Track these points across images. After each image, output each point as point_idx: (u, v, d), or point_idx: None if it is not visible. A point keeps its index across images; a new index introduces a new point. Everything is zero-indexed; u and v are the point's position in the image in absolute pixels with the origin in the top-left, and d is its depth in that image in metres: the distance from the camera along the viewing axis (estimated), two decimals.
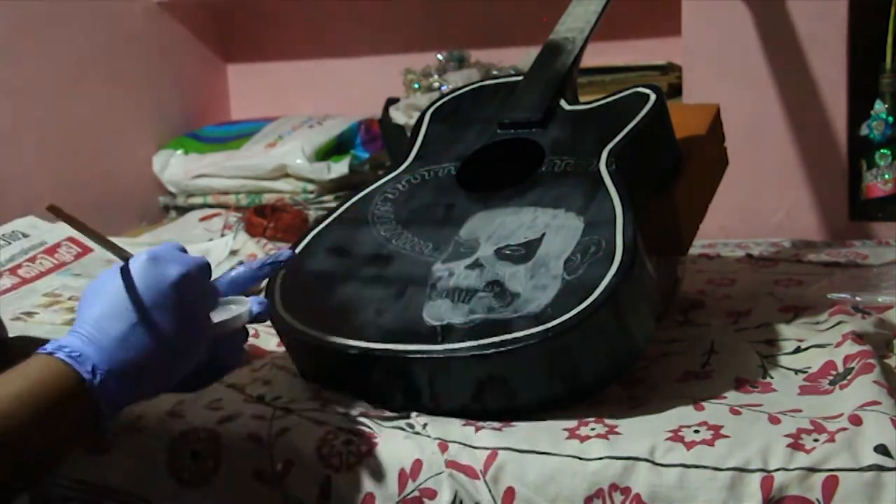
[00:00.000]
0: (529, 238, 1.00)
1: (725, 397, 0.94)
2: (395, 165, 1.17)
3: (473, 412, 0.91)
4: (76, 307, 0.78)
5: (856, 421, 0.84)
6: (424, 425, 0.91)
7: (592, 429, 0.88)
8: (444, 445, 0.88)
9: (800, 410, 0.89)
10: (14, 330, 1.02)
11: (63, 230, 1.49)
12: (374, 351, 0.93)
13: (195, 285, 0.80)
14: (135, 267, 0.79)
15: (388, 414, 0.93)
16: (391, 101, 1.89)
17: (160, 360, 0.77)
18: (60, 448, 0.76)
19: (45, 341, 0.77)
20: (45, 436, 0.73)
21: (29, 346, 0.81)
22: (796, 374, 1.00)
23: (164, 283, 0.78)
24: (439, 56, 1.96)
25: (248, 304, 0.87)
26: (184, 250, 0.82)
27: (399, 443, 0.89)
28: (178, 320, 0.78)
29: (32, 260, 1.41)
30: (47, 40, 1.87)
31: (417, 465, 0.87)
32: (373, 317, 0.97)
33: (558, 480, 0.84)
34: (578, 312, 0.90)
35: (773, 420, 0.87)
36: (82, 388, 0.73)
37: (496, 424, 0.90)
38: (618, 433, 0.87)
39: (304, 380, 1.01)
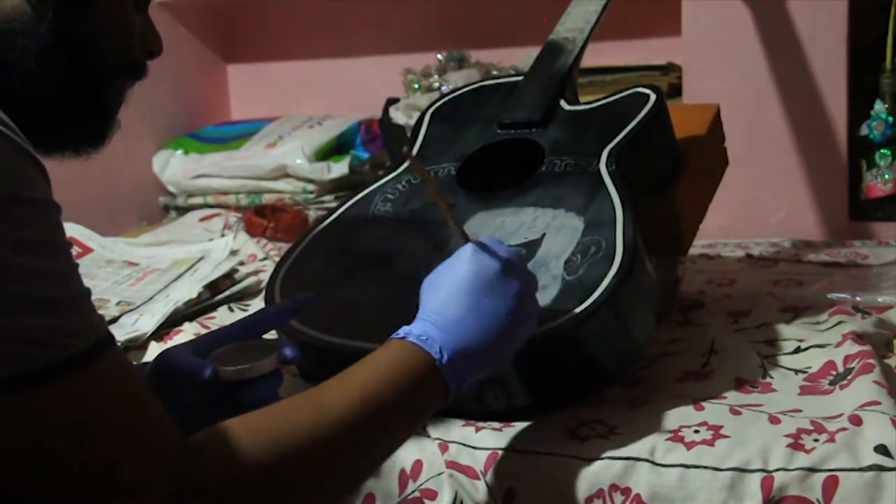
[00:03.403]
0: (529, 238, 1.00)
1: (725, 397, 0.94)
2: (396, 165, 1.17)
3: (473, 412, 0.91)
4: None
5: (856, 421, 0.84)
6: (424, 425, 0.91)
7: (592, 429, 0.88)
8: (444, 445, 0.88)
9: (800, 410, 0.89)
10: None
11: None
12: None
13: (517, 272, 0.84)
14: (461, 256, 0.84)
15: None
16: (391, 101, 1.89)
17: (493, 341, 0.81)
18: (416, 426, 0.81)
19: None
20: (406, 416, 0.78)
21: None
22: (796, 374, 1.00)
23: (491, 271, 0.83)
24: (439, 56, 1.96)
25: (277, 349, 0.89)
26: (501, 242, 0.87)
27: None
28: (506, 303, 0.82)
29: None
30: None
31: (418, 465, 0.87)
32: (373, 317, 0.96)
33: (558, 480, 0.84)
34: (578, 312, 0.90)
35: (773, 420, 0.87)
36: (433, 368, 0.78)
37: (496, 424, 0.90)
38: (618, 433, 0.87)
39: (304, 380, 1.01)
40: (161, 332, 1.22)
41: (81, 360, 0.63)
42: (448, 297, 0.81)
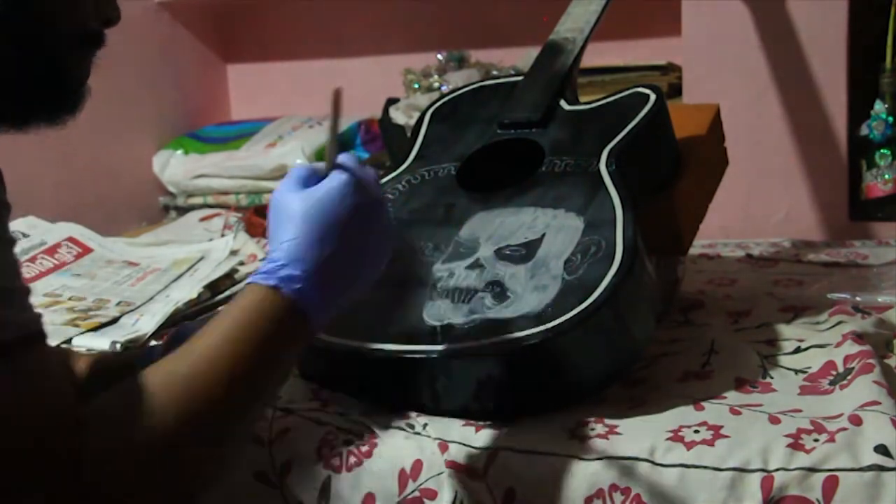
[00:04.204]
0: (529, 238, 1.00)
1: (725, 397, 0.94)
2: (395, 165, 1.17)
3: (473, 412, 0.91)
4: (273, 235, 0.82)
5: (856, 421, 0.84)
6: (424, 425, 0.91)
7: (592, 429, 0.88)
8: (444, 445, 0.88)
9: (800, 410, 0.89)
10: None
11: (63, 230, 1.49)
12: (375, 351, 0.93)
13: (382, 206, 0.85)
14: (337, 187, 0.82)
15: (388, 414, 0.93)
16: (391, 101, 1.89)
17: (351, 269, 0.81)
18: (286, 368, 0.80)
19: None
20: (271, 360, 0.77)
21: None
22: (796, 374, 0.99)
23: (367, 205, 0.82)
24: (439, 56, 1.96)
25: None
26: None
27: (399, 443, 0.89)
28: (366, 232, 0.82)
29: (32, 260, 1.42)
30: None
31: (418, 465, 0.87)
32: (373, 317, 0.97)
33: (558, 480, 0.84)
34: (578, 312, 0.90)
35: (773, 420, 0.87)
36: (293, 306, 0.77)
37: (496, 424, 0.90)
38: (618, 433, 0.87)
39: (304, 380, 1.01)
40: (161, 332, 1.22)
41: (3, 350, 0.65)
42: (321, 231, 0.80)
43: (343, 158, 0.84)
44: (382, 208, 0.85)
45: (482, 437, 0.88)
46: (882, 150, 1.60)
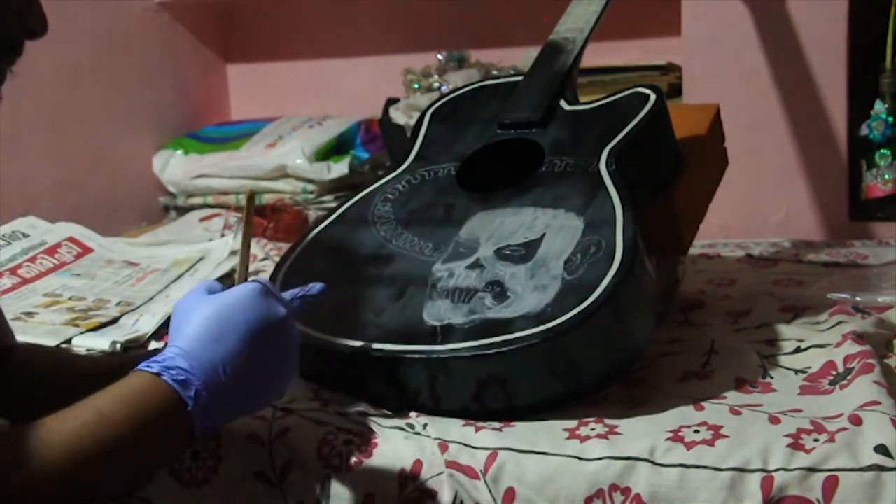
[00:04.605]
0: (529, 238, 1.00)
1: (725, 397, 0.94)
2: (395, 165, 1.17)
3: (473, 412, 0.91)
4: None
5: (856, 421, 0.84)
6: (424, 425, 0.91)
7: (592, 429, 0.88)
8: (444, 445, 0.88)
9: (800, 410, 0.89)
10: (14, 329, 1.02)
11: (63, 230, 1.49)
12: (375, 351, 0.93)
13: (293, 327, 0.84)
14: (245, 295, 0.81)
15: (388, 414, 0.93)
16: (391, 101, 1.89)
17: (250, 378, 0.80)
18: (157, 461, 0.82)
19: (149, 354, 0.82)
20: (146, 451, 0.78)
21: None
22: (796, 374, 1.00)
23: (275, 317, 0.81)
24: (439, 56, 1.96)
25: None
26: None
27: (399, 443, 0.89)
28: (278, 355, 0.81)
29: (32, 260, 1.42)
30: (47, 40, 1.86)
31: (418, 465, 0.87)
32: (373, 317, 0.97)
33: (558, 480, 0.84)
34: (578, 312, 0.90)
35: (773, 420, 0.87)
36: (183, 411, 0.77)
37: (496, 424, 0.90)
38: (618, 433, 0.87)
39: (304, 380, 1.01)
40: (161, 332, 1.22)
41: None
42: (221, 332, 0.78)
43: (259, 277, 0.84)
44: (290, 326, 0.83)
45: (482, 437, 0.88)
46: (882, 150, 1.61)
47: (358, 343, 0.94)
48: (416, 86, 1.93)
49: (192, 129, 2.17)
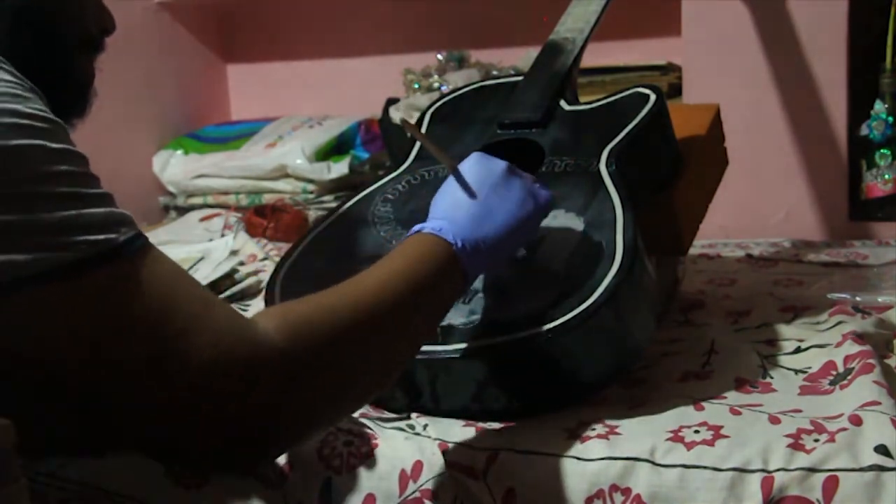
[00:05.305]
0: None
1: (725, 397, 0.94)
2: (395, 166, 1.17)
3: (473, 412, 0.91)
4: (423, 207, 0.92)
5: (856, 421, 0.84)
6: (425, 426, 0.91)
7: (592, 429, 0.88)
8: (444, 446, 0.88)
9: (800, 410, 0.89)
10: None
11: None
12: None
13: (517, 173, 0.93)
14: (468, 166, 0.91)
15: (388, 415, 0.93)
16: (391, 101, 1.89)
17: (502, 233, 0.88)
18: (441, 313, 0.86)
19: None
20: (429, 304, 0.83)
21: None
22: (796, 374, 1.00)
23: (495, 172, 0.91)
24: (439, 56, 1.96)
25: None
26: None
27: (399, 444, 0.89)
28: (511, 198, 0.90)
29: None
30: None
31: (418, 465, 0.87)
32: None
33: (558, 480, 0.84)
34: (578, 312, 0.90)
35: (773, 420, 0.87)
36: (452, 256, 0.84)
37: (496, 424, 0.90)
38: (618, 433, 0.87)
39: None
40: None
41: (141, 239, 0.72)
42: (456, 200, 0.88)
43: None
44: (515, 171, 0.92)
45: (482, 437, 0.88)
46: (882, 150, 1.61)
47: None
48: (416, 86, 1.93)
49: (192, 129, 2.17)
